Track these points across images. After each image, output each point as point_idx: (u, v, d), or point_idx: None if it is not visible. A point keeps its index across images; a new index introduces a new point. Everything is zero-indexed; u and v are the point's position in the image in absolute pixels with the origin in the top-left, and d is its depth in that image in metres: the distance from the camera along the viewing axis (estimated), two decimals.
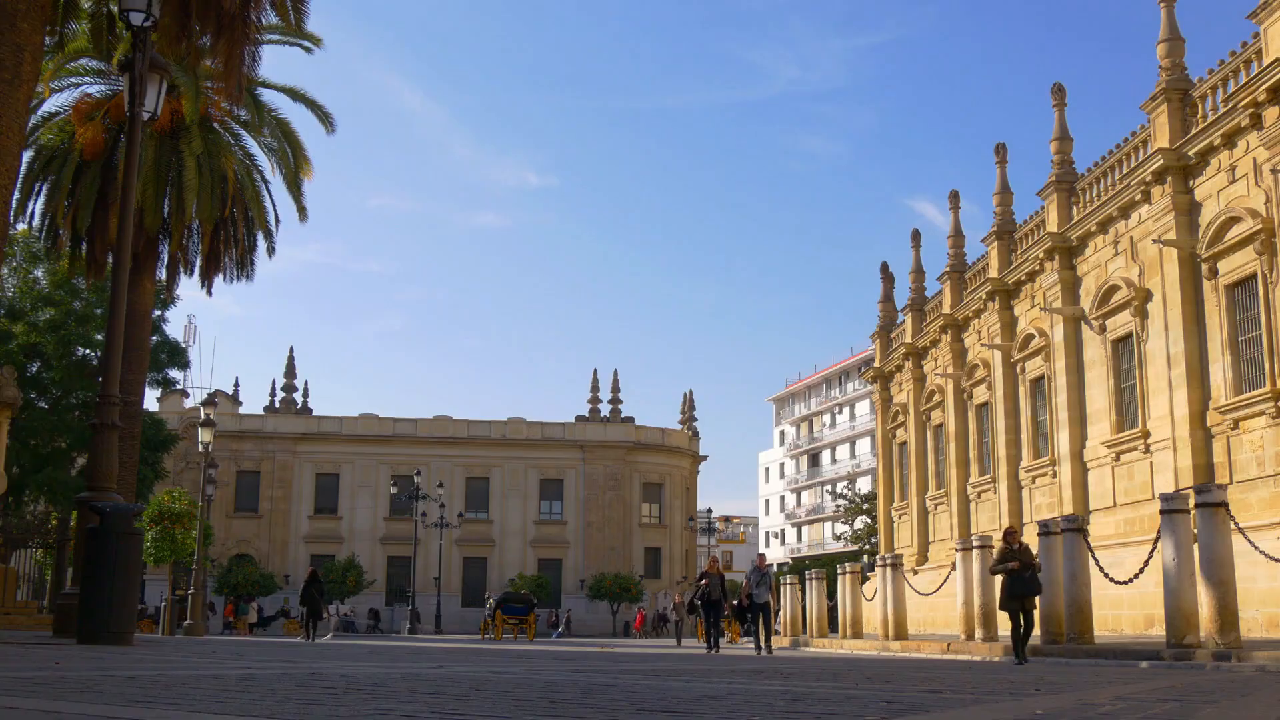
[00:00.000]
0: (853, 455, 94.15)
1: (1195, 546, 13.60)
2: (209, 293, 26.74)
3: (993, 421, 33.15)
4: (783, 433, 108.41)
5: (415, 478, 54.30)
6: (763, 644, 21.76)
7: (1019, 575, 15.28)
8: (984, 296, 33.40)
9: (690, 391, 78.14)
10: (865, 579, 29.82)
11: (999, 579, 16.11)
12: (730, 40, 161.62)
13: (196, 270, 26.19)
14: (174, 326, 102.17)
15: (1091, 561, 16.81)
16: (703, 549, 71.82)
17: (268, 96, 26.23)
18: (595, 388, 70.62)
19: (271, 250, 27.29)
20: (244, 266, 26.83)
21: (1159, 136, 24.35)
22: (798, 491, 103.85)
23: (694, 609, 24.59)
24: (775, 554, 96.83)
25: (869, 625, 26.96)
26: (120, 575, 12.14)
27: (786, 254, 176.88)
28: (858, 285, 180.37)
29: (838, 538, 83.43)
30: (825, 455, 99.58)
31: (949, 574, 22.84)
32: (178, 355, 40.41)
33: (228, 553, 61.66)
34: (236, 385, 69.13)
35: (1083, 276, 28.45)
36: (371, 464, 65.81)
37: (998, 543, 17.60)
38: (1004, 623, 17.32)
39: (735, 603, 28.07)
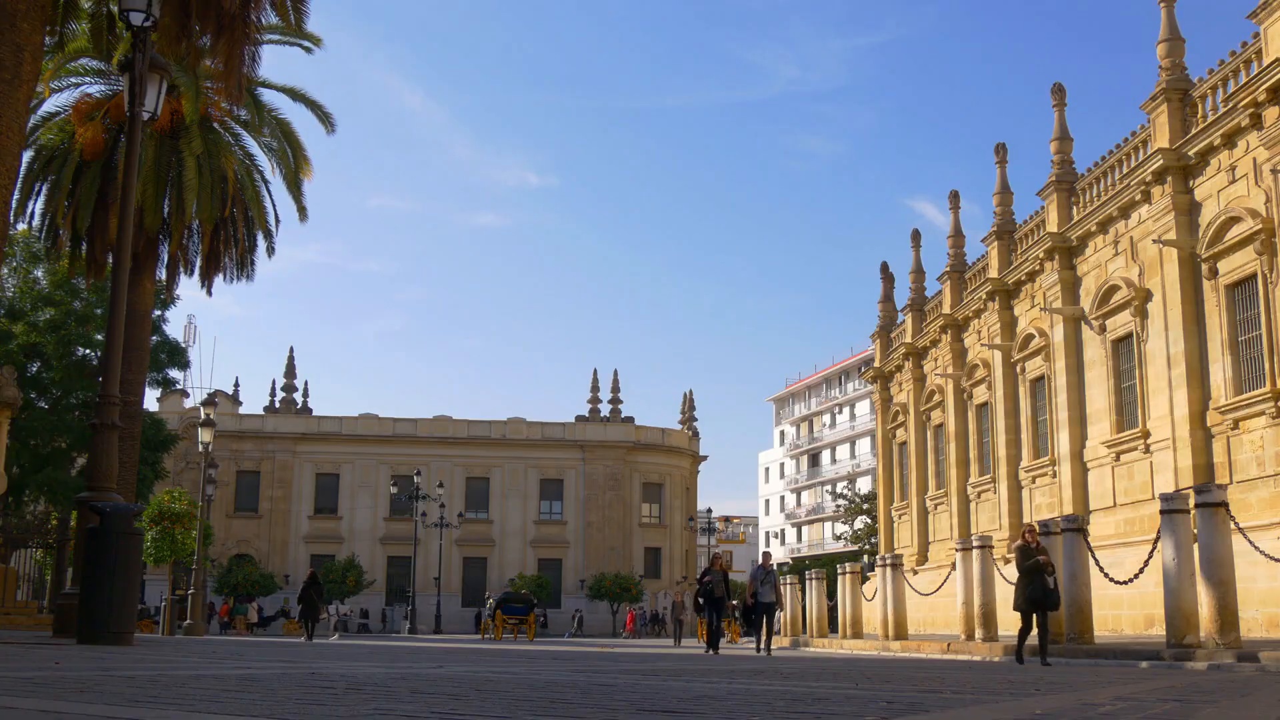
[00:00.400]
0: (853, 455, 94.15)
1: (1195, 546, 13.60)
2: (209, 293, 26.77)
3: (993, 421, 33.15)
4: (783, 433, 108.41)
5: (415, 478, 54.31)
6: (763, 644, 21.64)
7: (1044, 582, 14.70)
8: (984, 296, 33.40)
9: (690, 391, 78.24)
10: (865, 579, 29.81)
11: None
12: (730, 40, 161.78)
13: (196, 270, 26.18)
14: (174, 326, 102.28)
15: (1091, 561, 16.81)
16: (703, 549, 71.83)
17: (268, 96, 26.25)
18: (595, 388, 70.64)
19: (271, 250, 27.32)
20: (244, 266, 26.84)
21: (1159, 136, 24.35)
22: (798, 491, 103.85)
23: (699, 608, 24.35)
24: (775, 554, 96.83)
25: (869, 625, 26.96)
26: (120, 575, 12.14)
27: (786, 254, 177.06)
28: (858, 285, 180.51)
29: (838, 538, 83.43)
30: (825, 455, 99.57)
31: (949, 574, 22.83)
32: (178, 355, 40.41)
33: (228, 553, 61.67)
34: (236, 385, 69.25)
35: (1083, 276, 28.45)
36: (371, 464, 65.81)
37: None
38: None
39: (735, 603, 27.95)
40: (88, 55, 23.71)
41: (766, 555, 23.52)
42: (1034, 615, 14.87)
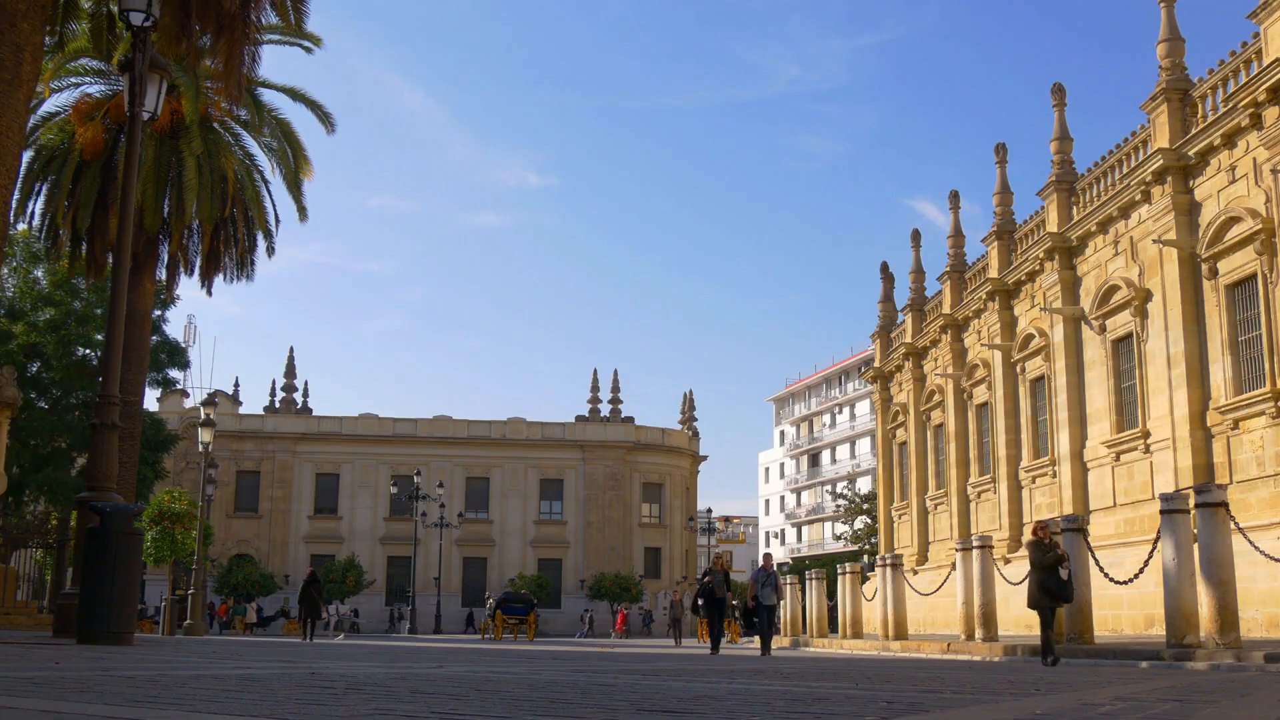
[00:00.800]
0: (853, 455, 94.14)
1: (1195, 546, 13.59)
2: (209, 293, 26.79)
3: (993, 421, 33.14)
4: (783, 433, 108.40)
5: (415, 478, 54.30)
6: (764, 645, 21.34)
7: (1058, 575, 14.49)
8: (984, 296, 33.40)
9: (690, 391, 78.20)
10: (865, 579, 29.80)
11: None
12: (730, 40, 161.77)
13: (196, 270, 26.20)
14: (174, 326, 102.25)
15: (1091, 561, 16.80)
16: (703, 549, 71.84)
17: (268, 96, 26.26)
18: (595, 388, 70.62)
19: (271, 250, 27.33)
20: (244, 266, 26.84)
21: (1159, 136, 24.34)
22: (798, 491, 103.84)
23: (696, 609, 24.05)
24: (775, 554, 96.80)
25: (869, 625, 26.95)
26: (120, 575, 12.14)
27: (786, 254, 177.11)
28: (858, 285, 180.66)
29: (838, 538, 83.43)
30: (825, 455, 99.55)
31: (949, 574, 22.82)
32: (178, 355, 40.39)
33: (228, 553, 61.66)
34: (236, 385, 69.20)
35: (1083, 276, 28.45)
36: (371, 464, 65.79)
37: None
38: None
39: (736, 603, 27.81)
40: (88, 55, 23.70)
41: (768, 557, 23.28)
42: (1052, 610, 14.51)
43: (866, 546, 68.12)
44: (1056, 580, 14.47)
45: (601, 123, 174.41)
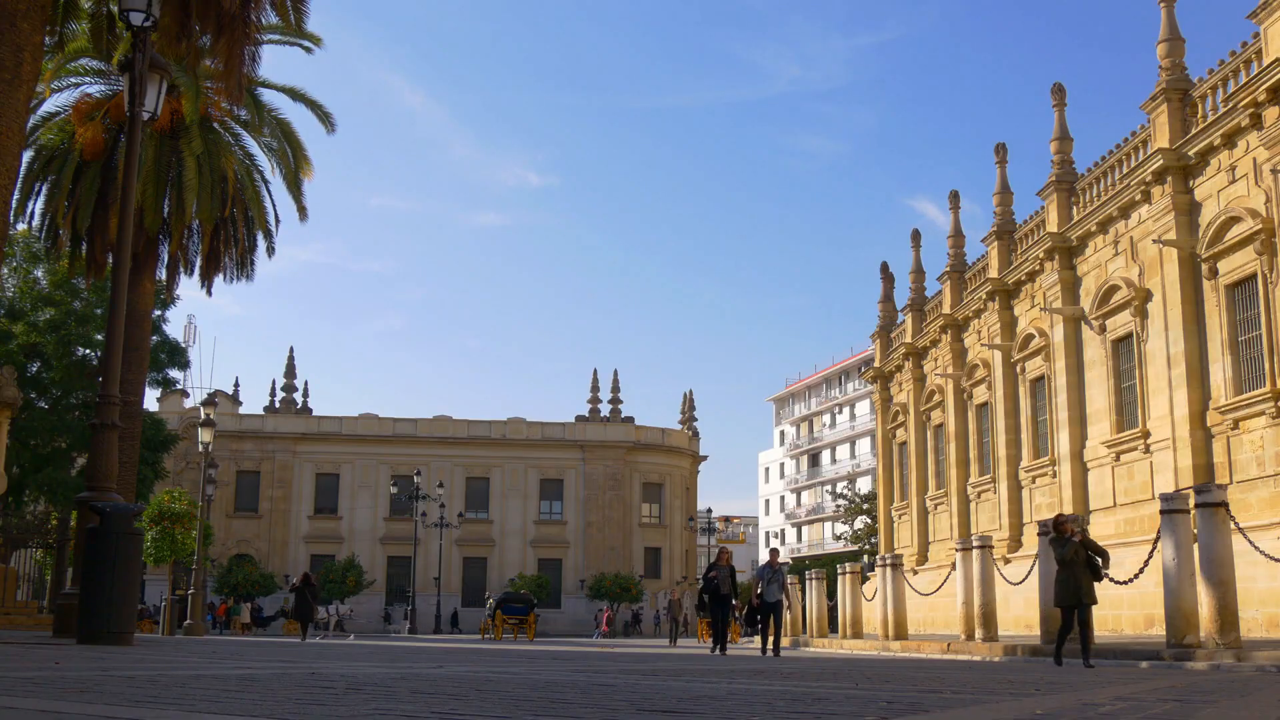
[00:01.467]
0: (853, 455, 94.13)
1: (1195, 546, 13.60)
2: (209, 293, 26.78)
3: (993, 421, 33.14)
4: (783, 433, 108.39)
5: (415, 478, 54.29)
6: (770, 645, 21.06)
7: (1083, 567, 13.93)
8: (984, 296, 33.39)
9: (690, 391, 78.17)
10: (865, 579, 29.81)
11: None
12: (731, 40, 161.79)
13: (196, 270, 26.19)
14: (174, 326, 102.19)
15: None
16: (703, 549, 71.82)
17: (268, 96, 26.25)
18: (595, 388, 70.61)
19: (271, 250, 27.32)
20: (244, 266, 26.84)
21: (1159, 136, 24.34)
22: (798, 491, 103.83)
23: (702, 605, 23.61)
24: None
25: (869, 625, 26.95)
26: (120, 575, 12.14)
27: (786, 254, 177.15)
28: (858, 285, 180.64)
29: (838, 538, 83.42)
30: (825, 455, 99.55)
31: (949, 574, 22.82)
32: (178, 355, 40.39)
33: (228, 553, 61.66)
34: (236, 385, 69.17)
35: (1083, 276, 28.45)
36: (371, 464, 65.79)
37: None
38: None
39: (736, 603, 27.62)
40: (88, 55, 23.69)
41: (774, 553, 22.54)
42: (1075, 611, 14.03)
43: (866, 546, 68.12)
44: (1083, 571, 13.98)
45: (601, 123, 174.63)
